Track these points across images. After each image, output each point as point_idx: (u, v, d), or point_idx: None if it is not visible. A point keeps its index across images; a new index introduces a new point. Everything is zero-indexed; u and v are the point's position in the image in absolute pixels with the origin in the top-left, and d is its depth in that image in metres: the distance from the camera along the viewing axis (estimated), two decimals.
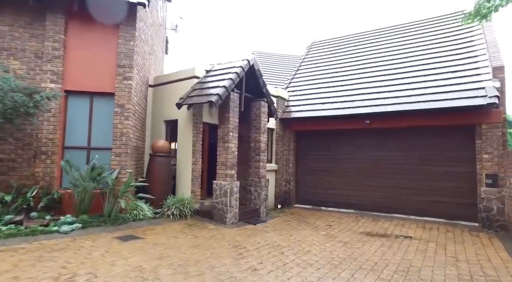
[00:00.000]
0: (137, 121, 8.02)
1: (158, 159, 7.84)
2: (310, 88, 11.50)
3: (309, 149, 10.90)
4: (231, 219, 7.47)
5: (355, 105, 9.51)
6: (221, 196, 7.52)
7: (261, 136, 8.92)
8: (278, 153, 10.64)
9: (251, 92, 8.99)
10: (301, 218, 8.74)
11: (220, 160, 7.73)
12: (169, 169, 8.05)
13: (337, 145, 10.30)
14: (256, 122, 9.02)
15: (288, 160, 11.00)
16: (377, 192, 9.39)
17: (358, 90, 10.13)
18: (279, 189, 10.57)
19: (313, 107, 10.35)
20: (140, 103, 8.33)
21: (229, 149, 7.60)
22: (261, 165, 8.88)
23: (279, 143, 10.69)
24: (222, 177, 7.64)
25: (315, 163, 10.70)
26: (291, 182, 10.97)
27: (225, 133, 7.71)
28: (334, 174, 10.26)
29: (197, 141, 8.30)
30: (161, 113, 9.13)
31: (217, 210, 7.57)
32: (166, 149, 7.99)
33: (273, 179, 10.47)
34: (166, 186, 7.87)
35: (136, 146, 7.95)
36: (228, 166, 7.57)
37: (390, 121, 8.95)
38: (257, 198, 8.72)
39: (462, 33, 10.15)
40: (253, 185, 8.83)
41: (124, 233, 5.97)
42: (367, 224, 8.09)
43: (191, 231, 6.57)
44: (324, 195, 10.40)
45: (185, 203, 7.64)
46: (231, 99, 7.75)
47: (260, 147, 8.89)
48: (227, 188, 7.43)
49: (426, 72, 9.31)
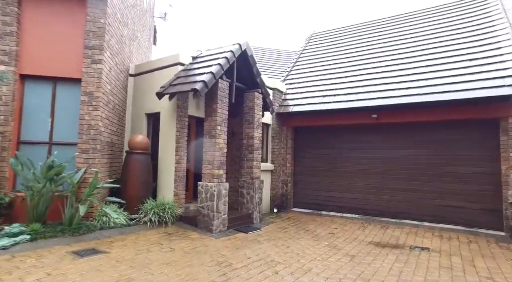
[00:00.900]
0: (112, 114, 6.98)
1: (135, 156, 6.79)
2: (310, 81, 10.48)
3: (309, 146, 9.89)
4: (219, 227, 6.44)
5: (360, 97, 8.51)
6: (206, 199, 6.49)
7: (254, 131, 7.89)
8: (274, 151, 9.62)
9: (244, 82, 7.97)
10: (300, 224, 7.72)
11: (206, 158, 6.70)
12: (148, 169, 7.01)
13: (340, 142, 9.29)
14: (249, 116, 7.99)
15: (285, 159, 9.98)
16: (385, 195, 8.38)
17: (364, 81, 9.13)
18: (275, 191, 9.54)
19: (313, 101, 9.33)
20: (117, 94, 7.29)
21: (216, 145, 6.57)
22: (254, 164, 7.85)
23: (275, 140, 9.66)
24: (208, 177, 6.61)
25: (315, 163, 9.68)
26: (289, 183, 9.95)
27: (212, 127, 6.68)
28: (337, 174, 9.24)
29: (181, 136, 7.27)
30: (142, 106, 8.09)
31: (202, 216, 6.53)
32: (145, 145, 6.95)
33: (268, 180, 9.45)
34: (145, 188, 6.82)
35: (110, 142, 6.90)
36: (215, 165, 6.53)
37: (399, 115, 7.95)
38: (250, 202, 7.69)
39: (479, 17, 9.17)
40: (246, 187, 7.80)
41: (85, 245, 4.91)
42: (375, 231, 7.08)
43: (169, 241, 5.53)
44: (325, 198, 9.38)
45: (166, 207, 6.60)
46: (220, 88, 6.72)
47: (253, 143, 7.86)
48: (214, 191, 6.40)
49: (440, 60, 8.32)
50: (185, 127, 7.36)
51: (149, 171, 7.04)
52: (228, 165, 8.76)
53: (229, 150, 8.77)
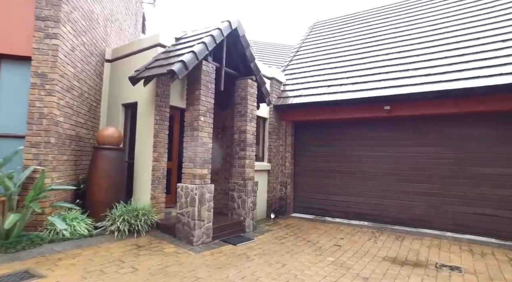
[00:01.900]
0: (78, 103, 5.91)
1: (103, 153, 5.71)
2: (313, 70, 9.36)
3: (311, 144, 8.75)
4: (201, 238, 5.33)
5: (370, 87, 7.37)
6: (187, 204, 5.39)
7: (247, 125, 6.78)
8: (271, 148, 8.50)
9: (235, 68, 6.87)
10: (300, 233, 6.59)
11: (187, 155, 5.60)
12: (120, 167, 5.93)
13: (346, 139, 8.14)
14: (241, 106, 6.89)
15: (284, 158, 8.85)
16: (399, 199, 7.23)
17: (373, 69, 7.99)
18: (272, 194, 8.42)
19: (316, 91, 8.20)
20: (86, 80, 6.22)
21: (199, 139, 5.47)
22: (247, 163, 6.73)
23: (273, 136, 8.54)
24: (189, 178, 5.51)
25: (319, 162, 8.55)
26: (288, 185, 8.82)
27: (194, 117, 5.58)
28: (342, 176, 8.10)
29: (161, 129, 6.19)
30: (119, 95, 7.02)
31: (181, 224, 5.43)
32: (116, 139, 5.87)
33: (265, 182, 8.32)
34: (115, 190, 5.74)
35: (75, 136, 5.84)
36: (197, 163, 5.43)
37: (416, 107, 6.80)
38: (242, 207, 6.58)
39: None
40: (236, 190, 6.69)
41: (18, 266, 3.81)
42: (389, 243, 5.93)
43: (135, 258, 4.43)
44: (329, 202, 8.24)
45: (139, 213, 5.51)
46: (203, 72, 5.62)
47: (246, 139, 6.75)
48: (195, 194, 5.30)
49: (465, 43, 7.17)
50: (165, 119, 6.28)
51: (122, 170, 5.96)
52: (218, 164, 7.65)
53: (219, 147, 7.67)
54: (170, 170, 6.88)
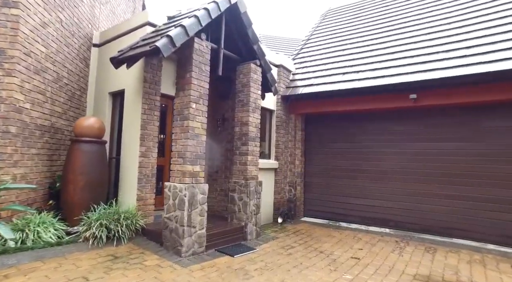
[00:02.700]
0: (53, 88, 5.16)
1: (81, 146, 4.92)
2: (326, 58, 8.38)
3: (324, 139, 7.78)
4: (191, 247, 4.46)
5: (392, 72, 6.36)
6: (174, 207, 4.53)
7: (249, 116, 5.88)
8: (279, 145, 7.57)
9: (236, 51, 6.00)
10: (311, 242, 5.65)
11: (176, 149, 4.74)
12: (102, 163, 5.13)
13: (364, 134, 7.14)
14: (242, 95, 6.00)
15: (294, 155, 7.91)
16: (428, 203, 6.19)
17: (397, 54, 6.97)
18: (280, 195, 7.49)
19: (329, 80, 7.23)
20: (65, 63, 5.47)
21: (189, 130, 4.60)
22: (249, 159, 5.84)
23: (280, 131, 7.61)
24: (177, 176, 4.65)
25: (332, 160, 7.57)
26: (298, 186, 7.87)
27: (184, 105, 4.72)
28: (360, 175, 7.10)
29: (150, 120, 5.37)
30: (107, 83, 6.25)
31: (168, 230, 4.58)
32: (96, 131, 5.07)
33: (271, 182, 7.40)
34: (94, 190, 4.94)
35: (48, 126, 5.08)
36: (187, 159, 4.56)
37: (449, 94, 5.75)
38: (243, 210, 5.68)
39: None
40: (237, 190, 5.80)
41: None
42: (418, 257, 4.92)
43: (106, 273, 3.60)
44: (344, 205, 7.25)
45: (121, 217, 4.69)
46: (196, 51, 4.75)
47: (248, 132, 5.86)
48: (185, 195, 4.43)
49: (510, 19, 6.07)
50: (155, 109, 5.46)
51: (103, 167, 5.16)
52: (217, 161, 6.78)
53: (218, 142, 6.80)
54: (163, 168, 6.06)
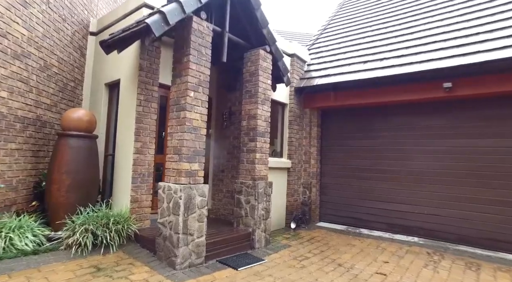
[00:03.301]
0: (38, 77, 4.65)
1: (68, 141, 4.39)
2: (344, 47, 7.61)
3: (342, 136, 7.02)
4: (188, 258, 3.83)
5: (423, 58, 5.54)
6: (169, 211, 3.91)
7: (258, 108, 5.21)
8: (292, 142, 6.86)
9: (243, 36, 5.36)
10: (328, 251, 4.92)
11: (172, 144, 4.12)
12: (92, 160, 4.59)
13: (389, 129, 6.34)
14: (250, 85, 5.34)
15: (309, 154, 7.18)
16: (466, 209, 5.34)
17: (426, 38, 6.14)
18: (293, 198, 6.77)
19: (348, 69, 6.47)
20: (52, 50, 4.96)
21: (186, 122, 3.97)
22: (257, 157, 5.17)
23: (294, 127, 6.90)
24: (172, 175, 4.03)
25: (352, 159, 6.79)
26: (313, 187, 7.13)
27: (180, 93, 4.10)
28: (383, 176, 6.30)
29: (146, 113, 4.80)
30: (103, 74, 5.73)
31: (162, 238, 3.97)
32: (85, 124, 4.53)
33: (284, 183, 6.70)
34: (82, 190, 4.40)
35: (33, 119, 4.57)
36: (184, 155, 3.94)
37: (492, 82, 4.90)
38: (250, 215, 5.02)
39: None
40: (244, 192, 5.14)
41: None
42: (459, 274, 4.11)
43: None
44: (366, 210, 6.46)
45: (110, 221, 4.13)
46: (194, 31, 4.12)
47: (256, 126, 5.19)
48: (180, 197, 3.80)
49: None
50: (153, 100, 4.88)
51: (93, 164, 4.61)
52: (223, 160, 6.16)
53: (224, 138, 6.17)
54: (163, 166, 5.47)
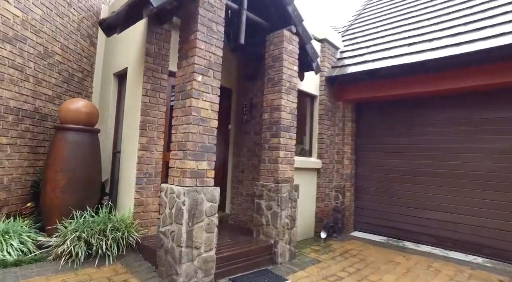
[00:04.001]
0: (36, 64, 4.21)
1: (64, 135, 3.89)
2: (384, 30, 6.60)
3: (382, 133, 6.05)
4: (193, 276, 3.14)
5: (487, 34, 4.47)
6: (171, 219, 3.26)
7: (282, 98, 4.45)
8: (323, 139, 6.00)
9: (264, 16, 4.63)
10: (366, 270, 4.03)
11: (176, 138, 3.47)
12: (92, 157, 4.06)
13: (440, 123, 5.31)
14: (273, 71, 4.58)
15: (342, 153, 6.28)
16: None
17: (488, 11, 5.02)
18: (323, 203, 5.91)
19: (389, 54, 5.50)
20: (55, 36, 4.52)
21: (192, 112, 3.29)
22: (281, 156, 4.40)
23: (325, 122, 6.04)
24: (176, 175, 3.37)
25: (393, 159, 5.81)
26: (347, 191, 6.22)
27: (186, 78, 3.43)
28: (434, 180, 5.27)
29: (154, 104, 4.23)
30: (112, 63, 5.26)
31: (163, 250, 3.32)
32: (84, 116, 4.01)
33: (313, 185, 5.87)
34: (80, 190, 3.88)
35: (29, 111, 4.13)
36: (189, 152, 3.26)
37: None
38: (272, 223, 4.26)
39: None
40: (265, 196, 4.39)
41: None
42: None
43: None
44: (411, 219, 5.46)
45: (107, 228, 3.56)
46: (203, 4, 3.43)
47: (279, 119, 4.42)
48: (183, 203, 3.13)
49: None
50: (161, 89, 4.29)
51: (94, 161, 4.09)
52: (243, 158, 5.46)
53: (245, 134, 5.47)
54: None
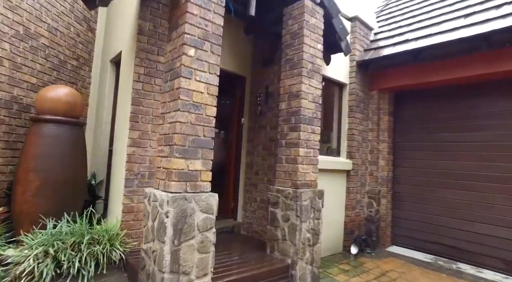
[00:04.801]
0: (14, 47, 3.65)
1: (41, 129, 3.28)
2: (429, 4, 5.50)
3: (427, 128, 4.99)
4: None
5: None
6: (153, 234, 2.51)
7: (302, 82, 3.59)
8: (354, 136, 5.05)
9: None
10: None
11: (162, 130, 2.72)
12: (75, 154, 3.43)
13: (502, 116, 4.19)
14: (292, 50, 3.74)
15: (377, 152, 5.28)
16: None
17: None
18: (354, 212, 4.96)
19: (437, 29, 4.44)
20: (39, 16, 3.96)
21: (180, 95, 2.52)
22: (301, 154, 3.54)
23: (356, 115, 5.08)
24: (162, 177, 2.62)
25: (442, 159, 4.74)
26: (382, 197, 5.21)
27: (175, 53, 2.67)
28: (496, 186, 4.16)
29: (148, 92, 3.57)
30: (109, 49, 4.68)
31: (145, 274, 2.58)
32: (64, 106, 3.38)
33: (341, 190, 4.94)
34: (60, 194, 3.25)
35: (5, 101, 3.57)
36: (176, 147, 2.49)
37: None
38: (289, 238, 3.41)
39: None
40: (281, 204, 3.54)
41: None
42: None
43: None
44: (467, 235, 4.37)
45: (83, 241, 2.88)
46: None
47: (299, 108, 3.57)
48: (167, 214, 2.36)
49: None
50: (157, 75, 3.64)
51: (76, 159, 3.45)
52: (257, 157, 4.64)
53: (259, 129, 4.66)
54: None
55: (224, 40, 3.32)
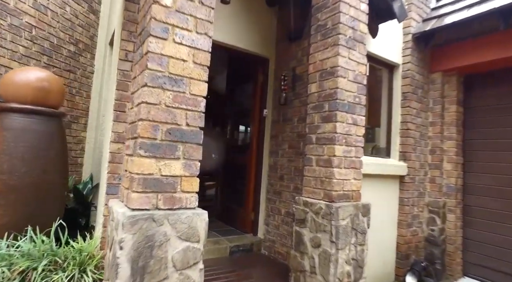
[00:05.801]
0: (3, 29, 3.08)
1: (4, 120, 2.63)
2: None
3: (508, 121, 3.68)
4: None
5: None
6: (108, 271, 1.68)
7: (339, 55, 2.58)
8: (409, 130, 3.89)
9: None
10: None
11: (130, 117, 1.90)
12: (50, 152, 2.74)
13: None
14: (324, 14, 2.76)
15: (440, 152, 4.05)
16: None
17: None
18: (410, 230, 3.80)
19: None
20: None
21: (149, 62, 1.68)
22: (337, 153, 2.53)
23: (411, 104, 3.92)
24: (125, 185, 1.79)
25: None
26: (449, 213, 3.95)
27: (146, 5, 1.83)
28: None
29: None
30: (109, 31, 4.03)
31: None
32: (33, 92, 2.71)
33: (392, 203, 3.81)
34: (26, 202, 2.58)
35: None
36: (141, 140, 1.65)
37: None
38: (321, 271, 2.42)
39: None
40: (310, 223, 2.56)
41: None
42: None
43: None
44: None
45: (39, 267, 2.14)
46: None
47: (335, 91, 2.57)
48: (121, 242, 1.52)
49: None
50: None
51: (51, 159, 2.76)
52: (282, 158, 3.70)
53: (285, 121, 3.71)
54: None
55: (242, 16, 2.46)
